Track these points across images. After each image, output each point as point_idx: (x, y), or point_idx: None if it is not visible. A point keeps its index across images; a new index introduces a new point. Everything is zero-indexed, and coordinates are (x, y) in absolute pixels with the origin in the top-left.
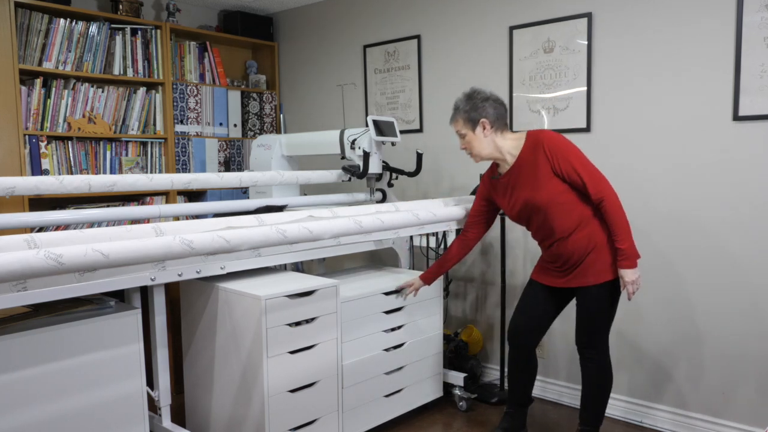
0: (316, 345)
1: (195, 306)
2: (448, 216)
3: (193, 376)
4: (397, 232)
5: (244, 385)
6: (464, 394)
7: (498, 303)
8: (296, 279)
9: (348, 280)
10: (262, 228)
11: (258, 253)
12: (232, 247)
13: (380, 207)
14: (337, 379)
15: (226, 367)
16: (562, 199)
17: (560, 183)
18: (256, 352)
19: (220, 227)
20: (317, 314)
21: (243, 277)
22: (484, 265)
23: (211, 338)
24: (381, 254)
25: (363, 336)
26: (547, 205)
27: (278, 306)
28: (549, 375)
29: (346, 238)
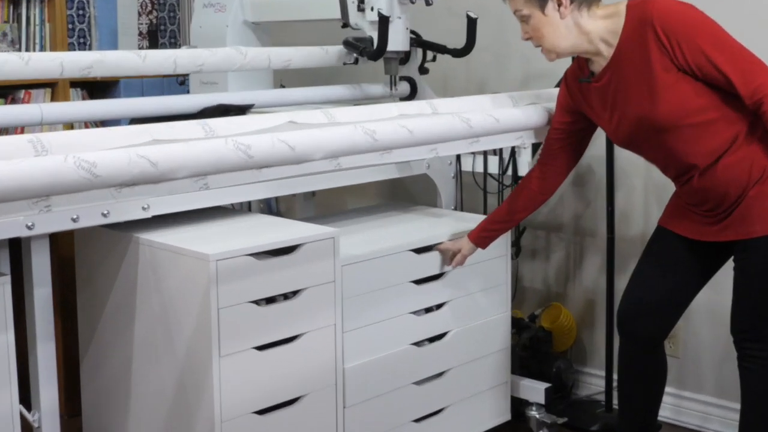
0: (301, 336)
1: (100, 272)
2: (520, 122)
3: (95, 389)
4: (434, 149)
5: (180, 403)
6: (546, 418)
7: (602, 267)
8: (267, 227)
9: (353, 228)
10: (211, 142)
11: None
12: (159, 174)
13: (407, 107)
14: (335, 393)
15: (152, 374)
16: (698, 111)
17: (691, 84)
18: (200, 349)
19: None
20: (302, 285)
21: (179, 224)
22: (579, 203)
23: (126, 325)
24: (408, 186)
25: (378, 321)
26: (673, 124)
27: (237, 271)
28: (686, 386)
29: (351, 158)
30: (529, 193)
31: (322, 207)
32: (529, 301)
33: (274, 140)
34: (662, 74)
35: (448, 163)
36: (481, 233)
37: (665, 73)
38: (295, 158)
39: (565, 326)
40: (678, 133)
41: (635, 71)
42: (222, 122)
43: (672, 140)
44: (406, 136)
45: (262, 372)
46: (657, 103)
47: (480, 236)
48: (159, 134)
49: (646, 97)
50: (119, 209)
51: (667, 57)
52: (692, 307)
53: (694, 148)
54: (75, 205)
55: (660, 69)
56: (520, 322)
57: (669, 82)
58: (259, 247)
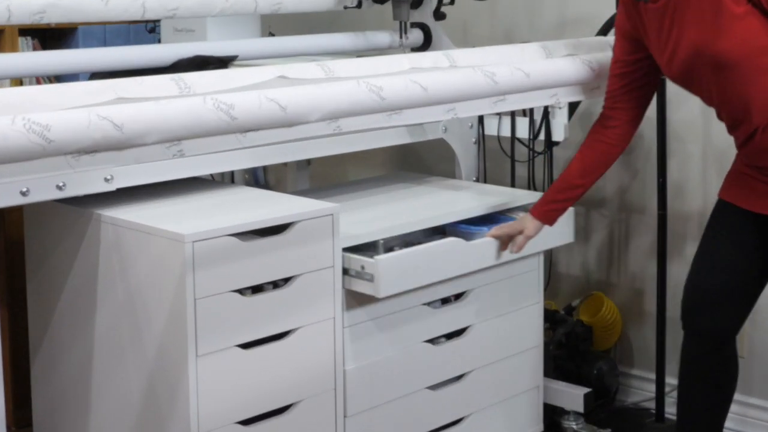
0: (294, 332)
1: (54, 255)
2: (554, 77)
3: (49, 395)
4: (452, 109)
5: (150, 412)
6: (585, 429)
7: (652, 249)
8: (253, 202)
9: (355, 203)
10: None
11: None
12: (125, 139)
13: (420, 59)
14: (334, 400)
15: (116, 377)
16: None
17: (760, 21)
18: (174, 347)
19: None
20: (295, 271)
21: (149, 198)
22: (625, 173)
23: (85, 319)
24: (421, 153)
25: (385, 314)
26: (735, 61)
27: (218, 254)
28: (753, 391)
29: (353, 120)
30: (603, 145)
31: (319, 178)
32: (565, 291)
33: (261, 99)
34: (730, 3)
35: (469, 125)
36: (547, 207)
37: (734, 2)
38: (287, 120)
39: (608, 320)
40: (738, 72)
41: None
42: (199, 77)
43: (730, 79)
44: (418, 93)
45: (247, 374)
46: (720, 35)
47: (546, 211)
48: (124, 91)
49: (708, 26)
50: (77, 181)
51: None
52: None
53: (754, 93)
54: (24, 176)
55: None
56: (555, 316)
57: (737, 13)
58: (243, 226)
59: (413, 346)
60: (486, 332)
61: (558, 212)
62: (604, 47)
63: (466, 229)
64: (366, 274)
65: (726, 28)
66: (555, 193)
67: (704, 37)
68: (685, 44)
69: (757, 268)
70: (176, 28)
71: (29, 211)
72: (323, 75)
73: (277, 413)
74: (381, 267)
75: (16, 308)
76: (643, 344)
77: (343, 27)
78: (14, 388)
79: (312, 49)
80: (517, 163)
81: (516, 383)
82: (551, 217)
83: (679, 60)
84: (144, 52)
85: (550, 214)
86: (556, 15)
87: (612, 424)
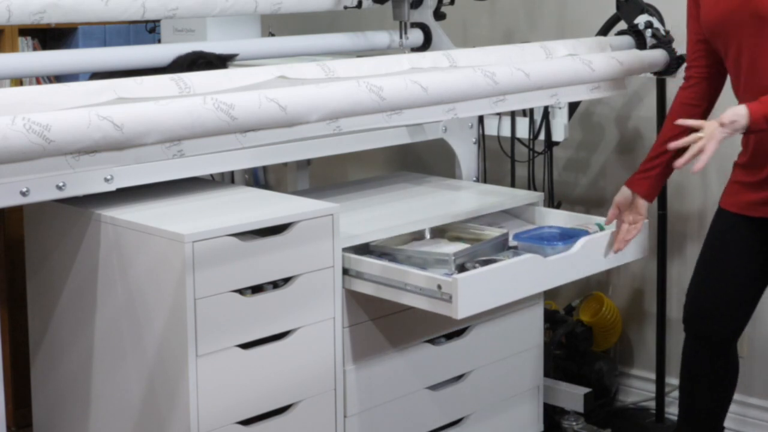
0: (294, 332)
1: (54, 255)
2: (554, 77)
3: (49, 395)
4: (452, 109)
5: (150, 412)
6: (585, 429)
7: (652, 249)
8: (253, 202)
9: (356, 203)
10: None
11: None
12: (125, 139)
13: (419, 59)
14: (334, 400)
15: (116, 377)
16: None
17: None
18: (174, 347)
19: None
20: (295, 271)
21: (149, 198)
22: (624, 173)
23: (85, 319)
24: (421, 153)
25: (386, 314)
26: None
27: (218, 254)
28: (753, 391)
29: (353, 120)
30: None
31: (319, 178)
32: (565, 291)
33: (261, 99)
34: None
35: (469, 125)
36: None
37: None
38: (287, 120)
39: (608, 320)
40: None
41: None
42: (199, 77)
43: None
44: (418, 93)
45: (247, 375)
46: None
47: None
48: (124, 91)
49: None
50: (77, 181)
51: None
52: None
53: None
54: (24, 176)
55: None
56: (555, 316)
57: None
58: (243, 226)
59: (413, 346)
60: (486, 332)
61: (649, 180)
62: (604, 47)
63: (539, 243)
64: (444, 294)
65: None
66: (646, 162)
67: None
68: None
69: (758, 273)
70: (176, 28)
71: (29, 211)
72: (323, 75)
73: (277, 413)
74: (460, 287)
75: (16, 308)
76: (643, 344)
77: (343, 27)
78: (14, 388)
79: (312, 49)
80: (517, 163)
81: (516, 383)
82: (642, 187)
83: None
84: (144, 52)
85: (640, 184)
86: (556, 15)
87: (612, 424)
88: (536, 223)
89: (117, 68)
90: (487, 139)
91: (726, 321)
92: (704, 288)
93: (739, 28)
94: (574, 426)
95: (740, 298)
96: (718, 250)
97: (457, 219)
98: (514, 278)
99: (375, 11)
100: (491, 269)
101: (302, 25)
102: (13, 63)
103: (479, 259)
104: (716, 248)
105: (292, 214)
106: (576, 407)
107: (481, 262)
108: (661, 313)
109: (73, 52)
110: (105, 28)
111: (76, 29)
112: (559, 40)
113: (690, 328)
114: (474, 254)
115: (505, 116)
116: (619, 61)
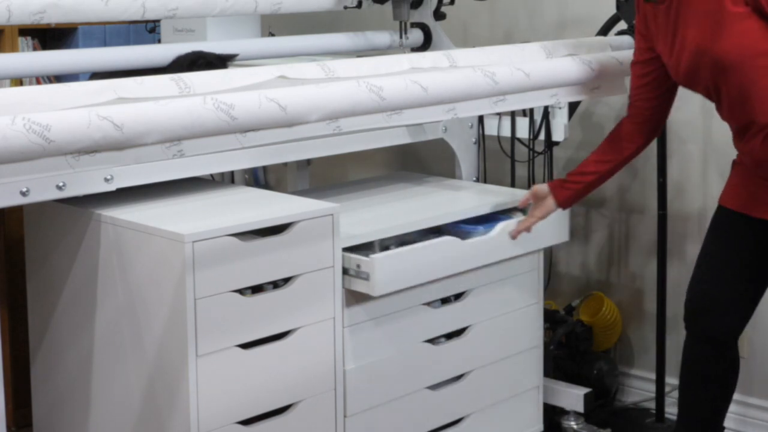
0: (294, 332)
1: (54, 255)
2: (554, 77)
3: (49, 395)
4: (453, 109)
5: (150, 412)
6: (585, 429)
7: (652, 249)
8: (253, 202)
9: (356, 203)
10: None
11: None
12: (125, 139)
13: (420, 59)
14: (334, 400)
15: (116, 377)
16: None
17: (758, 23)
18: (174, 347)
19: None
20: (295, 271)
21: (149, 198)
22: (625, 173)
23: (85, 319)
24: (421, 153)
25: (385, 314)
26: (737, 62)
27: (218, 254)
28: (753, 391)
29: (353, 120)
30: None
31: (319, 178)
32: (565, 291)
33: (261, 99)
34: (730, 6)
35: (469, 126)
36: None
37: (733, 3)
38: (287, 120)
39: (608, 320)
40: (739, 73)
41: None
42: (199, 77)
43: (731, 81)
44: (418, 93)
45: (247, 375)
46: (720, 36)
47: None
48: (124, 91)
49: (708, 26)
50: (77, 181)
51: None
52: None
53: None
54: (24, 176)
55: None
56: (555, 316)
57: (736, 13)
58: (243, 226)
59: (413, 346)
60: (486, 332)
61: (569, 191)
62: (604, 47)
63: (463, 228)
64: (362, 273)
65: (726, 28)
66: (575, 175)
67: (705, 38)
68: (688, 45)
69: (759, 272)
70: (176, 28)
71: (29, 211)
72: (323, 75)
73: (277, 413)
74: (377, 265)
75: (16, 308)
76: (643, 344)
77: (343, 27)
78: (14, 388)
79: (312, 49)
80: (517, 163)
81: (516, 383)
82: (561, 194)
83: (685, 62)
84: (144, 52)
85: (560, 191)
86: (556, 15)
87: (612, 424)
88: None
89: (117, 68)
90: (487, 139)
91: (727, 319)
92: (705, 285)
93: (705, 78)
94: (574, 426)
95: (741, 297)
96: (720, 247)
97: (457, 218)
98: (431, 259)
99: (375, 11)
100: (407, 250)
101: (302, 25)
102: (13, 63)
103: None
104: (718, 246)
105: (292, 214)
106: (576, 407)
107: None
108: (661, 313)
109: (73, 52)
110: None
111: (76, 29)
112: (559, 40)
113: (690, 325)
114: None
115: (505, 116)
116: (619, 61)
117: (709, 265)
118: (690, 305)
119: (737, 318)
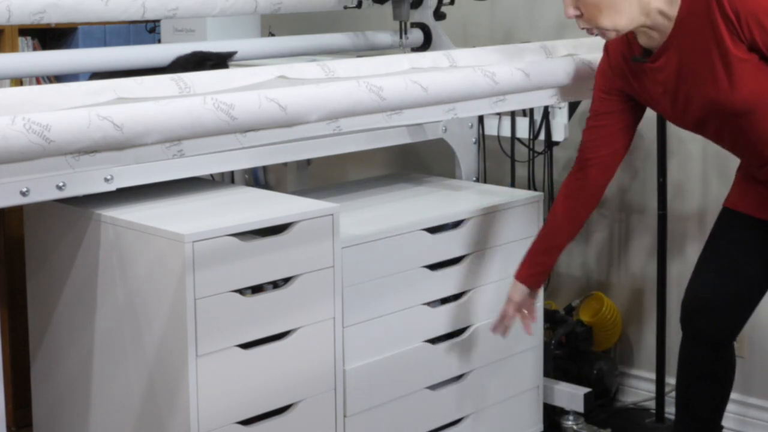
0: (294, 332)
1: (54, 255)
2: (554, 77)
3: (49, 395)
4: (452, 109)
5: (150, 412)
6: (585, 429)
7: (652, 249)
8: (253, 202)
9: (356, 203)
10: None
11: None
12: (124, 139)
13: (420, 59)
14: (334, 400)
15: (116, 377)
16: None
17: (759, 65)
18: (174, 347)
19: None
20: (295, 271)
21: (149, 198)
22: (625, 173)
23: (85, 319)
24: (421, 153)
25: (385, 314)
26: (753, 106)
27: (218, 254)
28: (752, 391)
29: (353, 120)
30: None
31: (319, 178)
32: (565, 291)
33: (261, 99)
34: (737, 53)
35: (469, 126)
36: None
37: (739, 52)
38: (287, 120)
39: (608, 320)
40: (753, 117)
41: (703, 49)
42: (199, 77)
43: (745, 126)
44: (418, 93)
45: (247, 375)
46: (735, 86)
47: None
48: (124, 91)
49: (721, 78)
50: (77, 181)
51: (735, 35)
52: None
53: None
54: (24, 176)
55: (733, 48)
56: (555, 316)
57: (743, 60)
58: (243, 226)
59: (413, 346)
60: (486, 332)
61: (544, 274)
62: None
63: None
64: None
65: (737, 76)
66: (535, 254)
67: (719, 90)
68: (698, 99)
69: (760, 275)
70: (176, 28)
71: (29, 211)
72: (323, 75)
73: (277, 413)
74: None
75: (16, 308)
76: (643, 344)
77: (343, 27)
78: (14, 388)
79: (312, 49)
80: (517, 163)
81: (516, 383)
82: (537, 281)
83: (694, 114)
84: (144, 52)
85: (535, 278)
86: (556, 15)
87: (612, 424)
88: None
89: (117, 68)
90: (487, 139)
91: (723, 321)
92: (704, 286)
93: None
94: (574, 426)
95: (739, 299)
96: (723, 249)
97: (457, 218)
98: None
99: (375, 11)
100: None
101: (302, 25)
102: (13, 63)
103: None
104: (720, 247)
105: (292, 214)
106: (576, 407)
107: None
108: (661, 313)
109: (73, 52)
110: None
111: (76, 29)
112: (559, 40)
113: (687, 325)
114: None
115: (505, 116)
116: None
117: (709, 266)
118: (686, 305)
119: (734, 319)
